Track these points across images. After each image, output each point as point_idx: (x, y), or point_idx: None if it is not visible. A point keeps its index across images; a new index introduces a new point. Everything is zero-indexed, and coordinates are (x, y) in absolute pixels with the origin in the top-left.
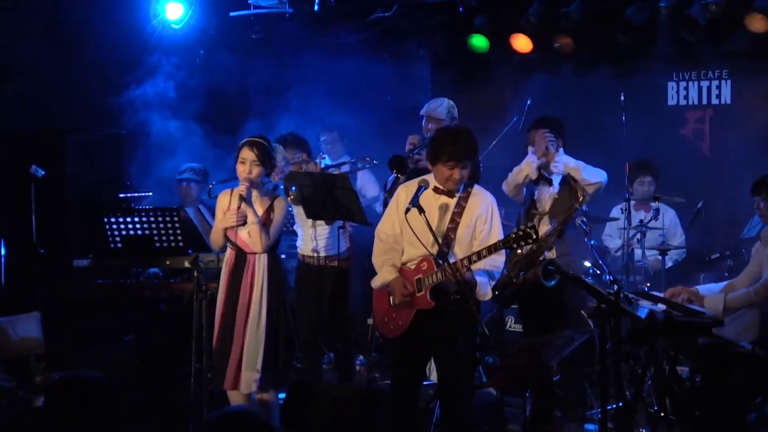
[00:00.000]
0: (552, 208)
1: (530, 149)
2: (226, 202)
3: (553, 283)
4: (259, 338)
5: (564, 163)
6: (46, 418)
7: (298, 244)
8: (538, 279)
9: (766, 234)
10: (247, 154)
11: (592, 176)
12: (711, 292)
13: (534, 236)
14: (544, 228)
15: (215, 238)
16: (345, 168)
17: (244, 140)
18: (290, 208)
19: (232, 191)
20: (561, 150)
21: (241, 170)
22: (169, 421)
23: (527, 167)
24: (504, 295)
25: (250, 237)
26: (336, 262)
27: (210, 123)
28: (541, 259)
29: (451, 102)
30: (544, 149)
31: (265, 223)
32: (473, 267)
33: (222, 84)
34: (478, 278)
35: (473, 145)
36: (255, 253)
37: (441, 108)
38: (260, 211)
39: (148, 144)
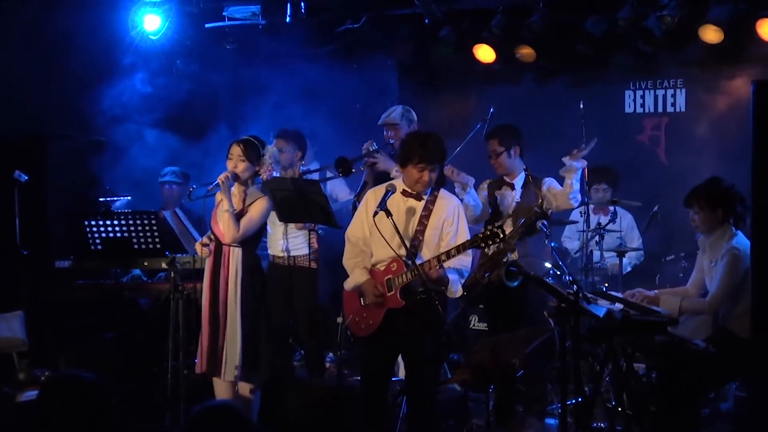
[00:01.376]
0: (515, 212)
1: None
2: (220, 198)
3: (516, 283)
4: (236, 331)
5: (574, 179)
6: (40, 415)
7: (267, 244)
8: (502, 280)
9: (704, 243)
10: (234, 150)
11: (576, 202)
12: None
13: (501, 235)
14: (508, 230)
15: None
16: (315, 176)
17: (235, 139)
18: None
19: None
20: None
21: (229, 165)
22: (147, 415)
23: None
24: (471, 296)
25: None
26: (305, 263)
27: (186, 129)
28: (504, 260)
29: (406, 107)
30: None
31: (237, 214)
32: (444, 265)
33: (197, 92)
34: (449, 276)
35: (442, 148)
36: (229, 246)
37: (395, 113)
38: (238, 204)
39: (127, 150)
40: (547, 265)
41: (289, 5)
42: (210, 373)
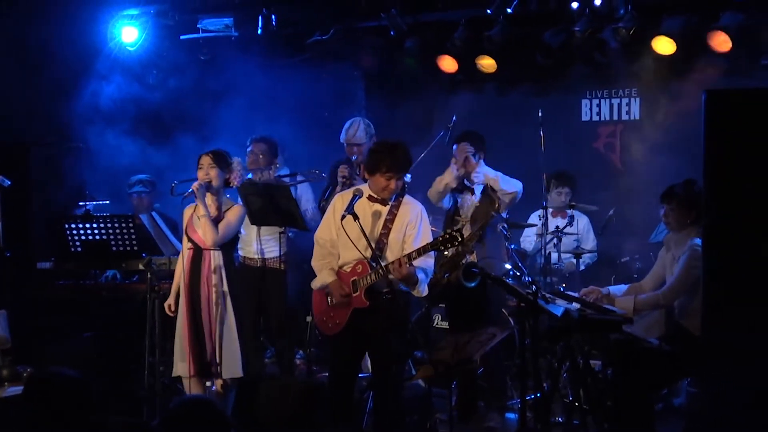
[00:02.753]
0: (473, 215)
1: (452, 161)
2: (189, 213)
3: (474, 284)
4: (233, 329)
5: (484, 173)
6: (25, 410)
7: (240, 246)
8: (460, 280)
9: (670, 240)
10: (204, 160)
11: (509, 186)
12: (620, 291)
13: (460, 238)
14: (466, 234)
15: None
16: (287, 180)
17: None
18: None
19: (195, 206)
20: (482, 162)
21: (201, 175)
22: (125, 409)
23: (447, 176)
24: (431, 295)
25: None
26: (275, 264)
27: (161, 136)
28: (462, 262)
29: (366, 121)
30: (462, 160)
31: (215, 220)
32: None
33: (173, 100)
34: (418, 275)
35: (409, 158)
36: (209, 249)
37: (359, 132)
38: (213, 210)
39: (106, 156)
40: (507, 266)
41: (260, 18)
42: (201, 374)
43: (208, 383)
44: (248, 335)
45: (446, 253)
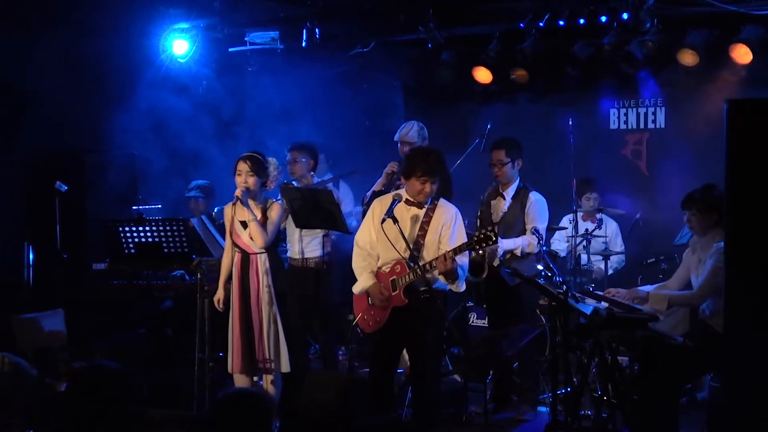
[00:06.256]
0: (501, 220)
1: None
2: (230, 213)
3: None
4: (279, 329)
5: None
6: (69, 402)
7: (288, 248)
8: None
9: (695, 243)
10: (242, 167)
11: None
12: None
13: (494, 237)
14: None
15: (227, 249)
16: (330, 184)
17: (240, 156)
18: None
19: (234, 204)
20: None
21: (239, 181)
22: (176, 403)
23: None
24: (476, 296)
25: (251, 238)
26: (319, 265)
27: (211, 144)
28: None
29: (420, 124)
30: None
31: (262, 223)
32: None
33: (222, 110)
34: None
35: (442, 163)
36: (256, 253)
37: (412, 132)
38: (258, 214)
39: (157, 163)
40: (539, 267)
41: (305, 31)
42: (247, 372)
43: (255, 378)
44: (294, 333)
45: (480, 252)
